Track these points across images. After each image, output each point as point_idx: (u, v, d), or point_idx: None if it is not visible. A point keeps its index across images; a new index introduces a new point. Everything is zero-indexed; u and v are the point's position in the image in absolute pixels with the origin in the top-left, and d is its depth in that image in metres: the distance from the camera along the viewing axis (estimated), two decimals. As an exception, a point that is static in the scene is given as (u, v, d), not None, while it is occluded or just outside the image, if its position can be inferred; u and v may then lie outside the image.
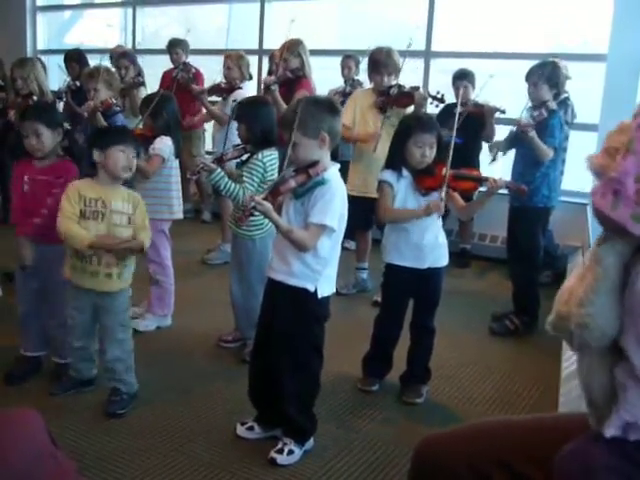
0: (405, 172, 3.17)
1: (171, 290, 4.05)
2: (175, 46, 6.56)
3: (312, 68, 5.39)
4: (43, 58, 8.52)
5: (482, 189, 3.31)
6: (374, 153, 4.41)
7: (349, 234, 3.91)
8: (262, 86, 5.50)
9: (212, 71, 6.57)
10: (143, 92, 5.61)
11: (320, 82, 5.56)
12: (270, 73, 5.75)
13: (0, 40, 9.44)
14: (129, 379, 3.11)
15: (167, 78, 6.53)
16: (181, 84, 6.00)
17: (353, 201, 4.06)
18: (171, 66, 6.64)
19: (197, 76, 6.36)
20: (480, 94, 5.36)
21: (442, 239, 3.27)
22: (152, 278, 3.99)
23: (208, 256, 5.46)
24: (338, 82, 6.06)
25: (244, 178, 3.43)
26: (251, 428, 2.87)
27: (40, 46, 9.68)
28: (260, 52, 7.50)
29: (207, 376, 3.46)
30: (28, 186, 3.16)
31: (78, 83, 5.37)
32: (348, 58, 5.97)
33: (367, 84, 5.64)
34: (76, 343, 3.14)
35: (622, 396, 1.40)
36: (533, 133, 4.03)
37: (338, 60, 6.11)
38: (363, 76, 5.81)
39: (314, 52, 5.54)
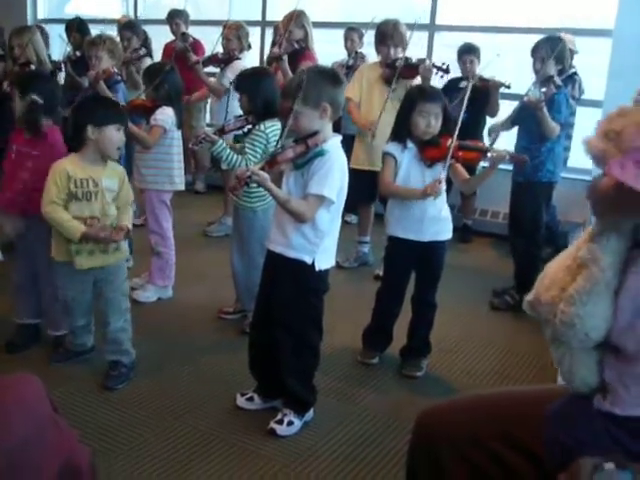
0: (410, 144, 3.15)
1: (172, 261, 4.04)
2: (174, 17, 6.49)
3: (315, 40, 5.34)
4: (45, 27, 8.46)
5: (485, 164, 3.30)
6: (377, 128, 4.37)
7: (351, 208, 3.89)
8: (267, 58, 5.45)
9: (213, 43, 6.51)
10: (148, 62, 5.54)
11: (323, 55, 5.50)
12: (274, 44, 5.69)
13: (0, 9, 9.36)
14: (130, 349, 3.12)
15: (169, 49, 6.46)
16: (181, 55, 5.94)
17: (357, 175, 4.09)
18: (173, 37, 6.58)
19: (196, 46, 6.28)
20: (485, 69, 5.30)
21: (446, 213, 3.24)
22: (153, 249, 3.98)
23: (209, 228, 5.44)
24: (340, 55, 6.00)
25: (246, 149, 3.41)
26: (251, 399, 2.88)
27: (40, 15, 9.58)
28: (263, 23, 7.42)
29: (207, 347, 3.47)
30: (14, 155, 3.12)
31: (79, 53, 5.31)
32: (351, 30, 5.90)
33: (370, 57, 5.61)
34: (78, 322, 3.15)
35: (612, 393, 1.42)
36: (545, 109, 3.99)
37: (341, 33, 6.04)
38: (367, 49, 5.77)
39: (317, 24, 5.48)
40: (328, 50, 6.31)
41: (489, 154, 3.14)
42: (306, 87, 2.49)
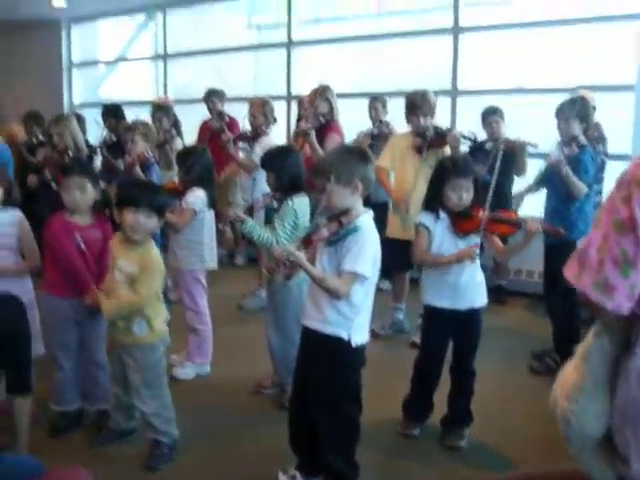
0: (442, 214, 3.19)
1: (209, 338, 4.08)
2: (211, 96, 6.71)
3: (339, 108, 5.46)
4: (79, 111, 8.80)
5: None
6: (412, 197, 4.43)
7: (385, 274, 3.91)
8: (294, 132, 5.58)
9: (241, 118, 6.70)
10: (179, 143, 5.73)
11: (346, 123, 5.61)
12: (300, 118, 5.84)
13: (39, 95, 9.78)
14: (170, 430, 3.12)
15: (205, 127, 6.68)
16: (216, 133, 6.13)
17: (392, 244, 4.13)
18: (209, 116, 6.78)
19: (232, 124, 6.44)
20: (510, 129, 5.36)
21: (480, 278, 3.26)
22: (190, 326, 4.03)
23: (244, 301, 5.49)
24: (364, 122, 6.13)
25: (276, 225, 3.48)
26: (293, 477, 2.86)
27: (76, 100, 9.98)
28: (288, 97, 7.63)
29: (247, 423, 3.47)
30: (84, 245, 3.22)
31: (114, 137, 5.52)
32: (375, 100, 6.04)
33: (395, 125, 5.73)
34: (113, 388, 3.20)
35: None
36: (567, 169, 4.02)
37: (365, 102, 6.19)
38: (396, 112, 5.88)
39: (341, 95, 5.61)
40: (353, 117, 6.45)
41: (523, 226, 3.15)
42: (337, 166, 2.56)
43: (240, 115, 6.63)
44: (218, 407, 3.66)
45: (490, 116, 5.46)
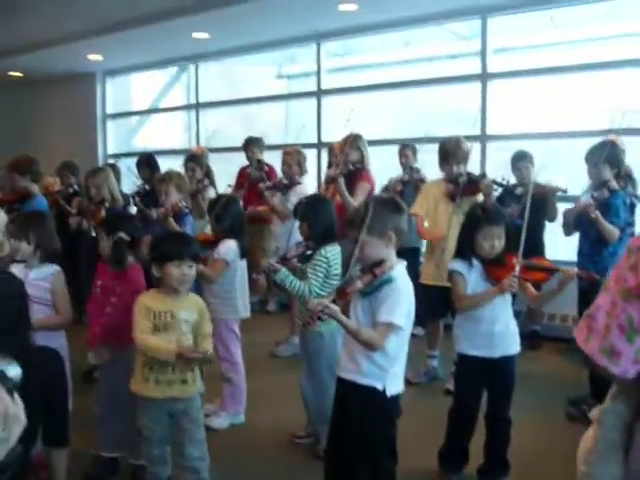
0: (475, 262, 3.19)
1: (243, 387, 4.09)
2: (250, 144, 6.82)
3: (369, 152, 5.53)
4: (113, 161, 9.03)
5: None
6: (446, 244, 4.44)
7: (418, 321, 3.91)
8: (324, 179, 5.66)
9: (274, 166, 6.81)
10: (212, 192, 5.83)
11: (377, 169, 5.67)
12: (330, 165, 5.92)
13: (74, 146, 10.06)
14: (207, 478, 3.12)
15: (243, 174, 6.78)
16: (253, 181, 6.23)
17: (426, 290, 4.13)
18: (245, 163, 6.91)
19: (270, 173, 6.52)
20: (540, 174, 5.35)
21: (513, 326, 3.25)
22: (224, 376, 4.05)
23: (277, 349, 5.50)
24: (394, 168, 6.20)
25: (309, 275, 3.50)
26: (329, 529, 2.84)
27: (110, 150, 10.23)
28: (319, 145, 7.74)
29: (282, 473, 3.46)
30: (100, 290, 3.30)
31: (147, 187, 5.63)
32: (405, 147, 6.11)
33: (425, 171, 5.77)
34: (154, 451, 3.15)
35: None
36: (597, 213, 4.01)
37: (392, 147, 6.28)
38: (423, 159, 5.95)
39: (371, 142, 5.68)
40: (384, 162, 6.52)
41: (557, 273, 3.14)
42: (371, 218, 2.59)
43: (270, 162, 6.77)
44: (252, 457, 3.65)
45: (519, 161, 5.47)
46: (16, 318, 2.44)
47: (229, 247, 3.97)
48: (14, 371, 0.89)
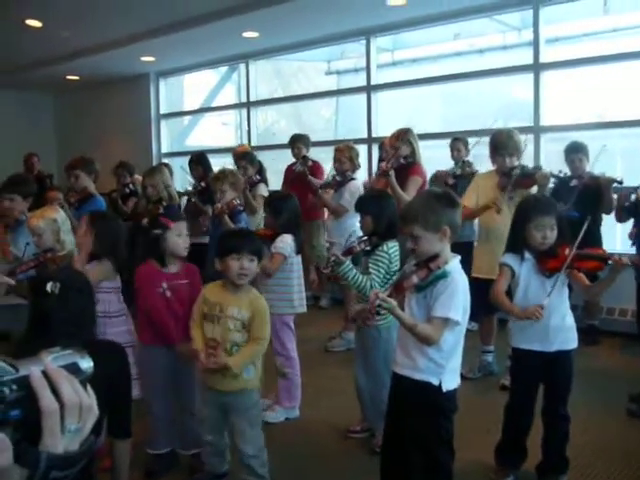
0: (527, 254, 3.15)
1: (298, 382, 4.13)
2: (296, 141, 6.86)
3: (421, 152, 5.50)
4: (166, 160, 9.20)
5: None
6: (499, 234, 4.37)
7: (472, 316, 3.87)
8: (375, 174, 5.66)
9: (322, 162, 6.84)
10: (264, 189, 5.89)
11: (427, 162, 5.63)
12: (381, 160, 5.92)
13: (129, 145, 10.29)
14: (264, 474, 3.16)
15: (289, 172, 6.84)
16: (300, 177, 6.27)
17: (478, 284, 4.09)
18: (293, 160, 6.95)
19: (316, 168, 6.57)
20: (595, 165, 5.26)
21: (570, 321, 3.19)
22: (279, 370, 4.09)
23: (330, 344, 5.53)
24: (444, 161, 6.16)
25: (370, 269, 3.51)
26: (386, 523, 2.85)
27: (164, 149, 10.41)
28: (369, 140, 7.73)
29: (338, 468, 3.48)
30: (170, 292, 3.35)
31: (203, 184, 5.73)
32: (457, 140, 6.07)
33: (476, 165, 5.72)
34: (207, 437, 3.21)
35: None
36: None
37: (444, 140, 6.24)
38: (475, 152, 5.89)
39: (422, 136, 5.65)
40: (435, 156, 6.48)
41: (610, 262, 3.09)
42: (425, 212, 2.59)
43: (320, 159, 6.79)
44: (308, 451, 3.68)
45: (573, 153, 5.35)
46: (86, 312, 2.52)
47: (286, 242, 4.00)
48: (87, 363, 0.92)
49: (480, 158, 5.71)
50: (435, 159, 6.46)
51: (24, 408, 0.81)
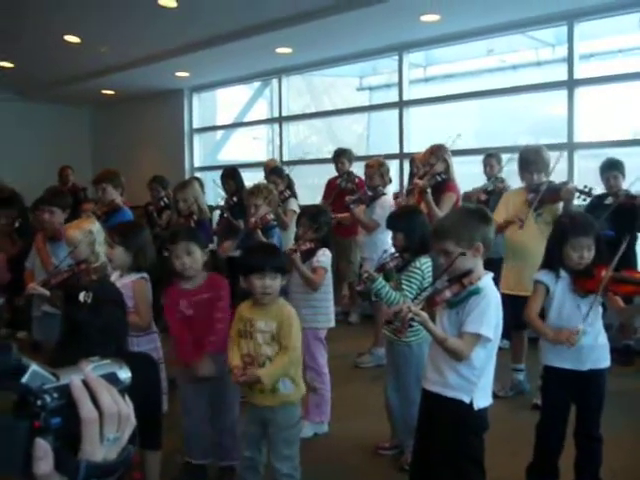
0: (563, 273, 3.11)
1: (328, 397, 4.11)
2: (340, 155, 6.86)
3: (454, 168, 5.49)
4: (198, 174, 9.29)
5: None
6: (526, 250, 4.36)
7: (503, 333, 3.83)
8: (407, 189, 5.65)
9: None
10: (294, 203, 5.91)
11: (459, 178, 5.61)
12: (412, 176, 5.91)
13: (162, 159, 10.42)
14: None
15: (332, 185, 6.85)
16: (342, 192, 6.29)
17: (507, 300, 4.04)
18: (330, 175, 6.99)
19: (359, 185, 6.56)
20: (635, 183, 5.16)
21: (602, 340, 3.14)
22: (309, 385, 4.07)
23: (360, 360, 5.51)
24: (476, 177, 6.12)
25: (403, 286, 3.50)
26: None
27: (196, 164, 10.52)
28: (401, 156, 7.73)
29: (366, 485, 3.45)
30: (192, 310, 3.36)
31: (235, 199, 5.76)
32: (490, 157, 6.04)
33: (510, 181, 5.68)
34: (245, 452, 3.17)
35: None
36: None
37: (479, 158, 6.21)
38: (509, 168, 5.85)
39: (455, 152, 5.64)
40: (468, 172, 6.45)
41: None
42: (458, 228, 2.58)
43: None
44: (336, 467, 3.66)
45: (608, 170, 5.28)
46: (118, 322, 2.56)
47: (327, 255, 4.00)
48: (125, 374, 0.93)
49: (513, 174, 5.66)
50: (467, 176, 6.43)
51: (64, 416, 0.82)
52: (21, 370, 0.80)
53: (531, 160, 4.56)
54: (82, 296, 2.45)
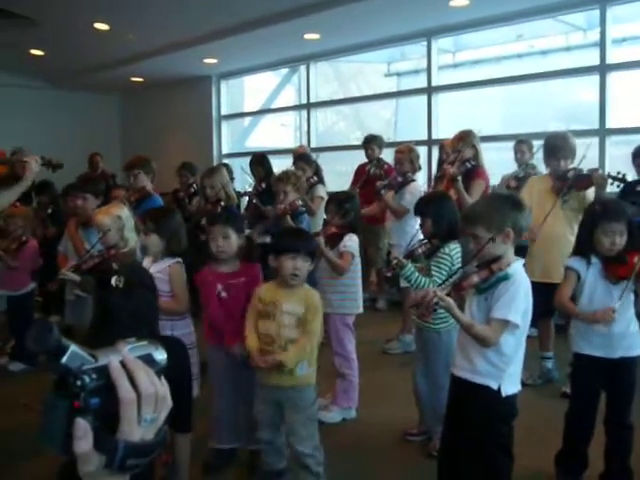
0: (594, 259, 3.08)
1: (356, 383, 4.12)
2: (370, 142, 6.83)
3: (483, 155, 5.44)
4: (227, 161, 9.32)
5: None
6: (552, 237, 4.33)
7: (531, 321, 3.80)
8: (435, 176, 5.61)
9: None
10: (321, 190, 5.91)
11: (488, 164, 5.55)
12: (441, 162, 5.87)
13: (191, 146, 10.47)
14: (321, 472, 3.14)
15: (361, 171, 6.83)
16: (371, 178, 6.28)
17: (533, 287, 4.01)
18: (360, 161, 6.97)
19: (389, 171, 6.51)
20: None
21: (634, 327, 3.11)
22: (338, 370, 4.10)
23: (388, 346, 5.51)
24: (505, 163, 6.06)
25: (432, 272, 3.49)
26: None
27: (224, 150, 10.56)
28: (429, 142, 7.68)
29: (394, 470, 3.46)
30: (226, 293, 3.38)
31: (264, 185, 5.78)
32: (521, 143, 5.97)
33: (540, 168, 5.62)
34: (262, 434, 3.21)
35: None
36: None
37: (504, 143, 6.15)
38: (540, 155, 5.79)
39: (485, 138, 5.58)
40: (498, 159, 6.38)
41: None
42: (489, 214, 2.57)
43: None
44: (364, 452, 3.67)
45: (640, 157, 5.20)
46: (150, 306, 2.59)
47: (355, 241, 4.01)
48: (161, 355, 0.95)
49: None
50: (497, 162, 6.38)
51: (103, 397, 0.83)
52: (61, 351, 0.82)
53: (559, 146, 4.52)
54: (114, 280, 2.48)
